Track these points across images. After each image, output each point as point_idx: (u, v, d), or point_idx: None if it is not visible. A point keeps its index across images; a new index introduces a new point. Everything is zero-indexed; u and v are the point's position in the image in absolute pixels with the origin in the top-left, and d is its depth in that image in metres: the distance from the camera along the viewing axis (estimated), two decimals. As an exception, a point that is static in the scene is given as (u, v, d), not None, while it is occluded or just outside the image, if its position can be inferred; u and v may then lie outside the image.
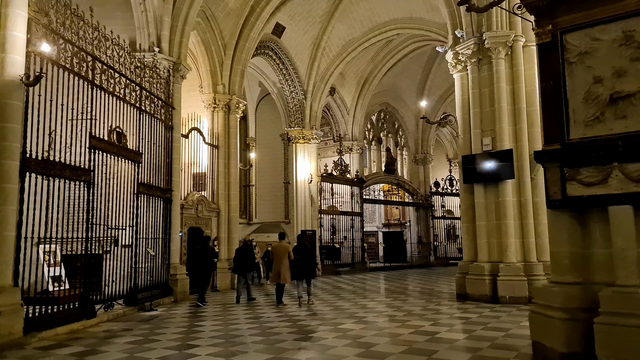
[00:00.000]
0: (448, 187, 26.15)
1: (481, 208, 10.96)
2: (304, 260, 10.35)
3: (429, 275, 19.42)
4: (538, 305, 5.51)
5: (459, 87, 11.91)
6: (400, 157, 26.30)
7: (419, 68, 24.87)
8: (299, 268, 10.35)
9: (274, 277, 10.53)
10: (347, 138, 23.18)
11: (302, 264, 10.34)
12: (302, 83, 20.47)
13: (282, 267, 10.25)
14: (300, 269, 10.36)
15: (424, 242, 25.29)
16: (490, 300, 10.34)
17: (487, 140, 11.07)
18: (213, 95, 15.42)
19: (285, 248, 10.51)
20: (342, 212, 21.39)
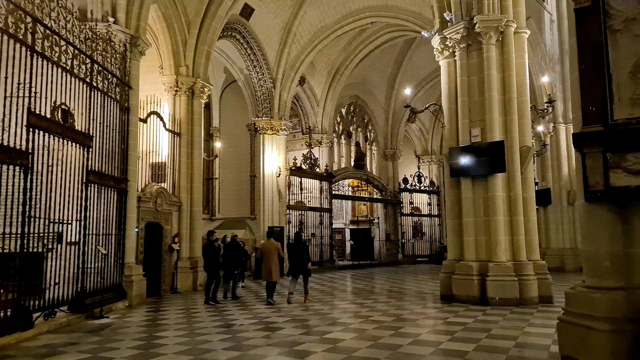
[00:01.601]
0: (416, 184, 25.72)
1: (469, 203, 10.26)
2: (301, 258, 10.43)
3: (400, 273, 18.77)
4: (571, 314, 4.73)
5: (446, 74, 11.16)
6: (370, 152, 25.60)
7: (390, 61, 24.24)
8: (297, 265, 10.43)
9: (264, 275, 10.40)
10: (316, 131, 22.20)
11: (300, 261, 10.41)
12: (271, 70, 19.30)
13: (273, 265, 10.21)
14: (298, 266, 10.43)
15: (392, 240, 24.72)
16: (479, 301, 9.65)
17: (475, 131, 10.37)
18: (175, 77, 14.02)
19: (274, 246, 10.46)
20: (310, 208, 20.41)
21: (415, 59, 24.15)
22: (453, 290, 10.17)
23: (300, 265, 10.46)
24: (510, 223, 9.98)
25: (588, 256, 4.71)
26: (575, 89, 4.92)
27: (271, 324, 7.92)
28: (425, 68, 24.62)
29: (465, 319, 8.05)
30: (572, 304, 4.78)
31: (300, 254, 10.51)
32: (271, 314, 8.97)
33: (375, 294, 11.97)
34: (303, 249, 10.62)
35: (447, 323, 7.68)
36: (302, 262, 10.46)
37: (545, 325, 7.37)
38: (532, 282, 9.60)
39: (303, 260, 10.46)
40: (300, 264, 10.46)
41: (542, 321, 7.75)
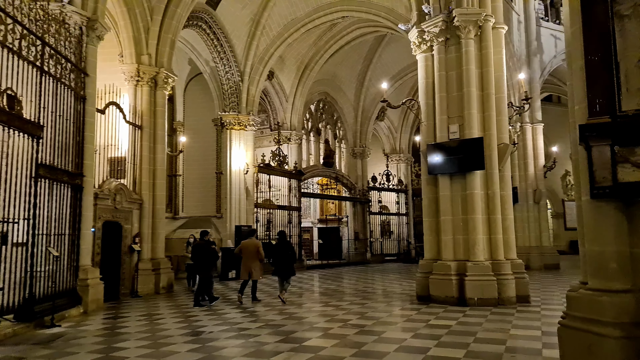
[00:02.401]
0: (385, 183, 25.57)
1: (446, 201, 9.99)
2: (287, 257, 10.35)
3: (370, 273, 18.48)
4: (574, 319, 4.42)
5: (423, 69, 10.86)
6: (339, 150, 25.24)
7: (360, 58, 23.96)
8: (282, 265, 10.30)
9: (243, 273, 10.39)
10: (285, 127, 21.60)
11: (286, 260, 10.32)
12: (239, 63, 18.58)
13: (252, 264, 10.22)
14: (283, 266, 10.30)
15: (361, 239, 24.46)
16: (457, 302, 9.39)
17: (454, 127, 10.12)
18: (136, 66, 13.13)
19: (255, 245, 10.38)
20: (279, 206, 19.82)
21: (384, 56, 23.96)
22: (431, 290, 9.87)
23: (286, 264, 10.33)
24: (488, 221, 9.77)
25: (592, 256, 4.41)
26: (578, 78, 4.61)
27: (244, 330, 7.34)
28: (395, 66, 24.49)
29: (447, 321, 7.74)
30: (576, 308, 4.47)
31: (286, 253, 10.41)
32: (243, 319, 8.37)
33: (350, 295, 11.55)
34: (288, 248, 10.56)
35: (430, 326, 7.33)
36: (288, 261, 10.36)
37: (529, 327, 7.15)
38: (510, 282, 9.43)
39: (289, 259, 10.38)
40: (286, 263, 10.33)
41: (525, 322, 7.54)
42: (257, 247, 10.33)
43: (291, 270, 10.44)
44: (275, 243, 11.13)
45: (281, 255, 10.39)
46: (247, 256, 10.28)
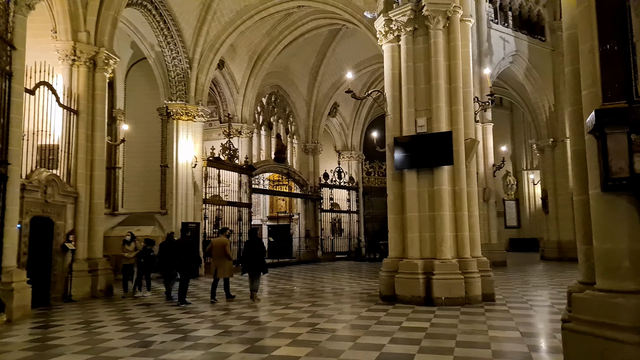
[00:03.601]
0: (337, 180, 25.19)
1: (413, 197, 9.62)
2: (257, 255, 10.17)
3: (324, 272, 17.97)
4: (583, 323, 4.05)
5: (389, 59, 10.44)
6: (290, 146, 24.53)
7: (313, 52, 23.38)
8: (253, 262, 10.12)
9: (212, 271, 10.36)
10: (236, 120, 20.59)
11: (256, 258, 10.14)
12: (188, 50, 17.39)
13: (220, 261, 10.14)
14: (253, 263, 10.12)
15: (312, 237, 23.91)
16: (424, 302, 9.04)
17: (421, 121, 9.77)
18: (72, 44, 11.74)
19: (223, 242, 10.34)
20: (229, 203, 18.82)
21: (338, 51, 23.54)
22: (396, 290, 9.46)
23: (257, 262, 10.15)
24: (454, 218, 9.50)
25: (603, 254, 4.05)
26: (587, 62, 4.27)
27: (200, 339, 6.50)
28: (349, 61, 24.10)
29: (419, 322, 7.32)
30: (584, 311, 4.10)
31: (256, 250, 10.24)
32: (197, 324, 7.50)
33: (310, 296, 10.92)
34: (259, 246, 10.39)
35: (405, 329, 6.86)
36: (259, 259, 10.19)
37: (506, 328, 6.87)
38: (476, 280, 9.21)
39: (259, 257, 10.22)
40: (256, 261, 10.15)
41: (499, 323, 7.27)
42: (224, 245, 10.25)
43: (262, 267, 10.24)
44: (246, 241, 11.27)
45: (251, 253, 10.18)
46: (216, 254, 10.24)
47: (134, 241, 12.35)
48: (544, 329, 6.76)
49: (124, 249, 12.18)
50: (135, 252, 12.03)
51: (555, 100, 22.40)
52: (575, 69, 4.78)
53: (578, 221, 4.69)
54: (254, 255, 10.15)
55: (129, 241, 12.27)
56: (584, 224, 4.59)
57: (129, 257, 12.04)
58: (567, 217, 21.74)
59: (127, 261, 12.08)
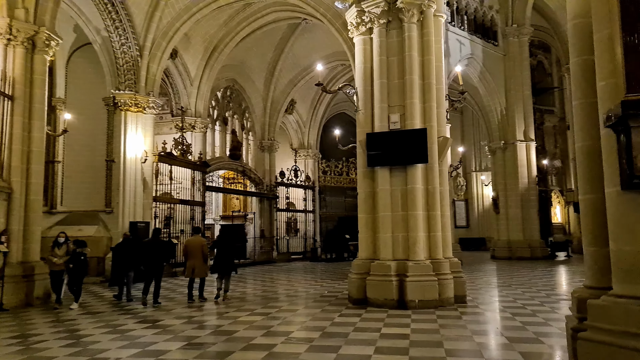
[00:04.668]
0: (293, 178, 24.60)
1: (386, 196, 9.25)
2: (228, 254, 10.30)
3: (282, 273, 17.34)
4: (600, 332, 3.76)
5: (361, 52, 10.04)
6: (246, 142, 23.65)
7: (271, 46, 22.67)
8: (224, 262, 10.18)
9: (187, 271, 10.17)
10: (189, 113, 19.48)
11: (227, 258, 10.25)
12: (138, 36, 16.16)
13: (197, 262, 10.03)
14: (224, 263, 10.19)
15: (267, 236, 23.17)
16: (397, 305, 8.68)
17: (395, 117, 9.42)
18: (8, 21, 10.42)
19: (199, 242, 10.28)
20: (181, 201, 17.73)
21: (297, 47, 22.96)
22: (368, 293, 9.04)
23: (227, 262, 10.25)
24: (427, 218, 9.22)
25: (623, 258, 3.76)
26: (604, 50, 3.99)
27: (162, 354, 5.73)
28: (307, 58, 23.60)
29: (399, 328, 6.92)
30: (604, 319, 3.80)
31: (228, 249, 10.38)
32: (156, 336, 6.69)
33: (275, 300, 10.30)
34: (230, 245, 10.58)
35: (386, 337, 6.42)
36: (229, 259, 10.32)
37: (489, 333, 6.62)
38: (449, 282, 8.97)
39: (230, 257, 10.36)
40: (226, 261, 10.24)
41: (480, 327, 7.04)
42: (201, 245, 10.21)
43: (232, 266, 10.41)
44: (216, 240, 11.36)
45: (223, 252, 10.26)
46: (192, 254, 10.12)
47: (67, 244, 10.25)
48: (527, 333, 6.55)
49: (52, 253, 10.17)
50: (66, 257, 10.04)
51: (507, 103, 22.99)
52: (584, 59, 4.54)
53: (586, 222, 4.43)
54: (227, 255, 10.28)
55: (62, 243, 10.18)
56: (592, 225, 4.34)
57: (57, 263, 9.97)
58: (517, 217, 22.45)
59: (56, 267, 10.04)
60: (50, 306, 9.79)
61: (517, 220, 22.36)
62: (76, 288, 9.90)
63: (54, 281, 10.21)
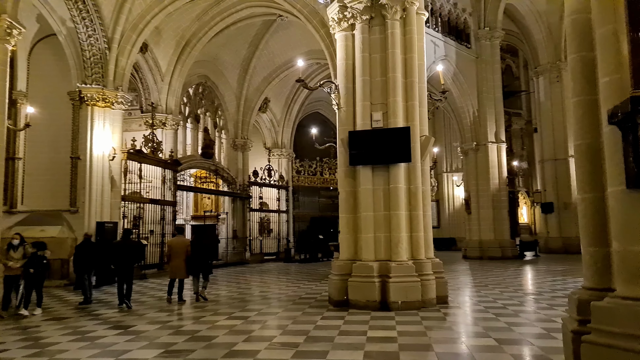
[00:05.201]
0: (266, 178, 24.21)
1: (368, 196, 9.07)
2: (204, 256, 10.31)
3: (256, 274, 16.97)
4: (606, 335, 3.64)
5: (343, 49, 9.84)
6: (219, 141, 23.10)
7: (245, 43, 22.24)
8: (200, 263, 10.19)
9: (171, 272, 10.23)
10: (160, 110, 18.84)
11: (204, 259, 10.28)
12: (106, 28, 15.47)
13: (181, 263, 10.03)
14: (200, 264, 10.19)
15: (240, 237, 22.69)
16: (380, 306, 8.51)
17: (377, 115, 9.26)
18: (-35, 6, 9.72)
19: (184, 243, 10.36)
20: (151, 200, 17.10)
21: (272, 44, 22.61)
22: (350, 294, 8.84)
23: (204, 263, 10.26)
24: (409, 218, 9.10)
25: (628, 258, 3.66)
26: (608, 46, 3.89)
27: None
28: (282, 56, 23.32)
29: (385, 332, 6.74)
30: (608, 322, 3.69)
31: (204, 251, 10.38)
32: (129, 343, 6.26)
33: (252, 303, 9.96)
34: (207, 247, 10.60)
35: (374, 340, 6.22)
36: (206, 260, 10.34)
37: (477, 335, 6.52)
38: (432, 283, 8.87)
39: (206, 258, 10.38)
40: (203, 262, 10.25)
41: (467, 329, 6.95)
42: (186, 245, 10.20)
43: (209, 268, 10.45)
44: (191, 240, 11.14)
45: (199, 253, 10.21)
46: (176, 255, 10.07)
47: (24, 246, 9.44)
48: (514, 334, 6.49)
49: (7, 256, 9.27)
50: (24, 261, 9.21)
51: (479, 105, 23.29)
52: (582, 55, 4.44)
53: (585, 221, 4.33)
54: (203, 256, 10.28)
55: (16, 246, 9.35)
56: (592, 225, 4.24)
57: (13, 268, 9.12)
58: (488, 218, 22.77)
59: (12, 272, 9.16)
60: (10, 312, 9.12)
61: (488, 220, 22.66)
62: (37, 293, 9.20)
63: (7, 286, 9.32)
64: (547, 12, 26.53)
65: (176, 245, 10.27)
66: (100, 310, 9.23)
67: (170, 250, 10.36)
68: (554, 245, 26.15)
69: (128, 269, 9.82)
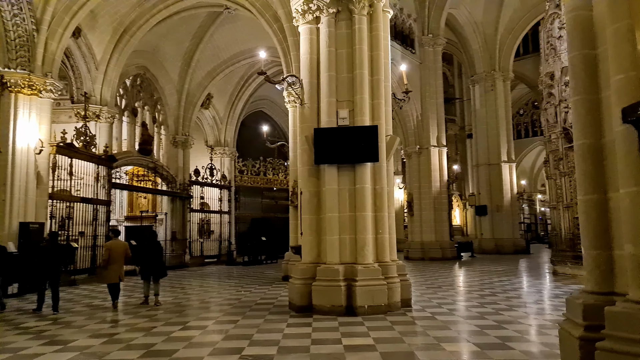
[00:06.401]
0: (208, 177, 23.16)
1: (333, 196, 8.70)
2: (156, 258, 10.10)
3: (199, 279, 16.05)
4: (624, 342, 3.51)
5: (307, 42, 9.41)
6: (158, 137, 21.71)
7: (189, 34, 21.14)
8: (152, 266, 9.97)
9: (111, 276, 9.72)
10: (93, 101, 17.29)
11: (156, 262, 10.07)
12: (35, 8, 13.92)
13: (120, 266, 9.79)
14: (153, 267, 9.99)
15: (179, 239, 21.47)
16: (345, 311, 8.16)
17: (344, 112, 8.93)
18: None
19: (124, 246, 10.05)
20: (82, 199, 15.61)
21: (217, 37, 21.68)
22: (314, 299, 8.40)
23: (156, 266, 10.04)
24: (375, 219, 8.84)
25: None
26: (623, 42, 3.78)
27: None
28: (227, 50, 22.47)
29: (361, 339, 6.38)
30: (625, 328, 3.56)
31: (156, 253, 10.17)
32: (72, 365, 5.40)
33: (205, 310, 9.23)
34: (159, 249, 10.37)
35: (352, 349, 5.84)
36: (158, 263, 10.13)
37: (454, 340, 6.36)
38: (397, 286, 8.66)
39: (159, 261, 10.18)
40: (156, 265, 10.04)
41: (441, 333, 6.73)
42: (125, 248, 9.94)
43: (163, 271, 10.25)
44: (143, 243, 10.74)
45: (150, 256, 10.00)
46: (117, 258, 9.72)
47: None
48: (490, 338, 6.39)
49: None
50: None
51: (422, 109, 23.80)
52: (585, 53, 4.35)
53: (587, 224, 4.23)
54: (155, 258, 10.05)
55: None
56: (596, 227, 4.15)
57: None
58: (430, 220, 23.31)
59: None
60: None
61: (430, 222, 23.19)
62: None
63: None
64: (484, 24, 27.79)
65: (116, 249, 9.83)
66: (20, 319, 8.07)
67: (109, 253, 9.77)
68: (487, 246, 27.36)
69: (54, 274, 9.26)
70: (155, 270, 10.03)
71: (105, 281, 10.01)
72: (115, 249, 9.81)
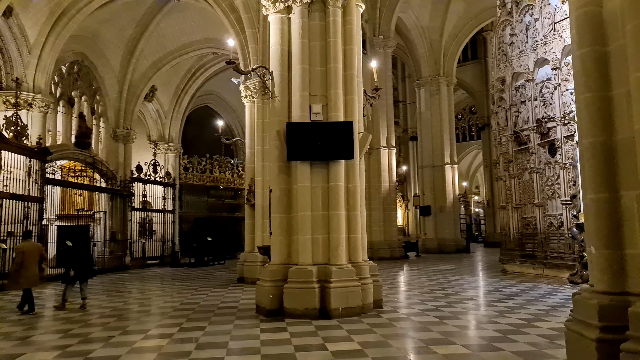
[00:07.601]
0: (151, 174, 21.87)
1: (306, 194, 8.32)
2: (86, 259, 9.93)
3: (145, 282, 14.99)
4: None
5: (278, 32, 8.95)
6: (96, 129, 20.14)
7: (132, 21, 19.85)
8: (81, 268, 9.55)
9: (28, 281, 9.00)
10: (25, 87, 15.67)
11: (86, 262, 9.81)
12: (-42, -22, 12.33)
13: (35, 270, 9.20)
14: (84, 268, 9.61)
15: (119, 240, 20.06)
16: (319, 315, 7.80)
17: (317, 107, 8.57)
18: None
19: (38, 247, 9.51)
20: (12, 195, 14.05)
21: (164, 26, 20.54)
22: (285, 302, 7.97)
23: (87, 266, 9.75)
24: (347, 218, 8.57)
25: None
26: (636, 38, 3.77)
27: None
28: (174, 41, 21.38)
29: (344, 344, 6.06)
30: (649, 326, 3.53)
31: (85, 254, 10.00)
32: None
33: (163, 316, 8.48)
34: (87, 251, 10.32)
35: (340, 355, 5.50)
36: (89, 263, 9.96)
37: (438, 341, 6.20)
38: (370, 287, 8.44)
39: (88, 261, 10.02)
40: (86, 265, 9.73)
41: (423, 335, 6.58)
42: (40, 250, 9.42)
43: (91, 271, 10.07)
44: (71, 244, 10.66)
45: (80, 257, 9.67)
46: (31, 261, 9.11)
47: None
48: (475, 339, 6.33)
49: None
50: None
51: (373, 110, 23.95)
52: (595, 50, 4.31)
53: (597, 224, 4.17)
54: (85, 260, 9.78)
55: None
56: (607, 227, 4.11)
57: None
58: (379, 220, 23.52)
59: None
60: None
61: (379, 222, 23.39)
62: None
63: None
64: (430, 29, 28.54)
65: (29, 251, 9.24)
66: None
67: (22, 256, 9.07)
68: (431, 245, 28.10)
69: None
70: (82, 269, 9.49)
71: (21, 287, 9.12)
72: (29, 251, 9.17)
